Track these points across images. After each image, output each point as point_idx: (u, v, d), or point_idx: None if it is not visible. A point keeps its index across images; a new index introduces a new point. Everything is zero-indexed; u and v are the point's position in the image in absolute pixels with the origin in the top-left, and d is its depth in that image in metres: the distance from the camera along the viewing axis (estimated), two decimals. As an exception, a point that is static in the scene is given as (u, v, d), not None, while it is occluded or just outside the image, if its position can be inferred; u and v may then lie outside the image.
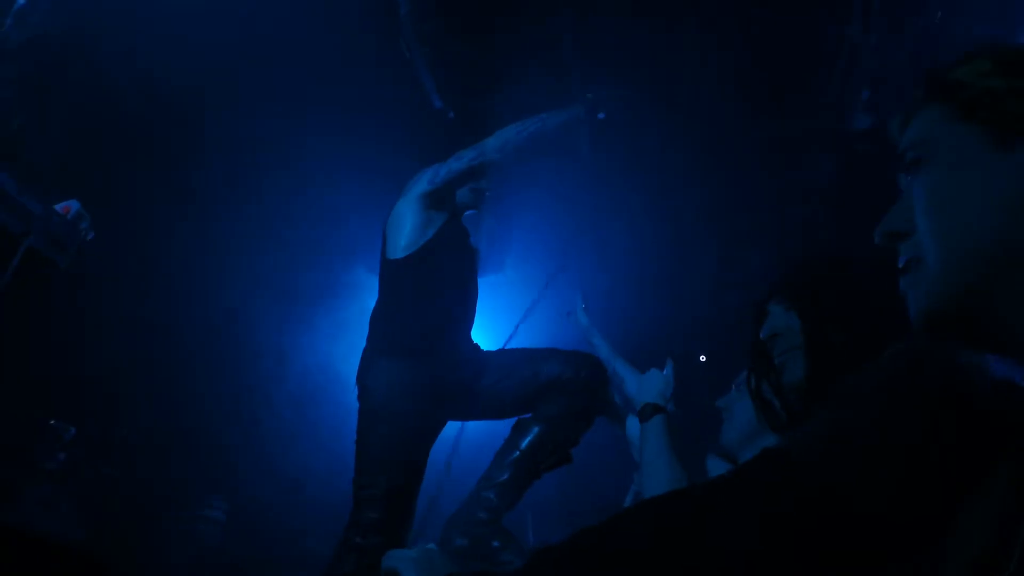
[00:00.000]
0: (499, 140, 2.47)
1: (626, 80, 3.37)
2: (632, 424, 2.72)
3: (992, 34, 3.05)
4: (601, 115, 2.61)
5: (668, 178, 4.01)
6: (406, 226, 2.46)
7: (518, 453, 2.24)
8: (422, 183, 2.47)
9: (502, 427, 2.42)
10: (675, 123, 3.82)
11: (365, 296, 3.21)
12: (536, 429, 2.27)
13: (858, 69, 3.53)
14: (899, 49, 3.38)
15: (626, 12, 3.44)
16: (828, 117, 3.79)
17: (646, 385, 1.86)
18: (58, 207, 2.37)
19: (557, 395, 2.28)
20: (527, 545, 2.28)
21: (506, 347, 2.53)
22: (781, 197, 4.22)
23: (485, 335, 4.15)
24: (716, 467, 1.77)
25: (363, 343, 2.47)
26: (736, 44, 3.49)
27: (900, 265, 0.70)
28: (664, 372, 1.90)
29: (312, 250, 4.31)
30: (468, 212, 2.76)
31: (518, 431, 2.31)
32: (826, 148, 4.00)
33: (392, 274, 2.48)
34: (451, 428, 2.55)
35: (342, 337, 4.06)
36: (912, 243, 0.69)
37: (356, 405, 2.36)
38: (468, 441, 3.09)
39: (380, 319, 2.47)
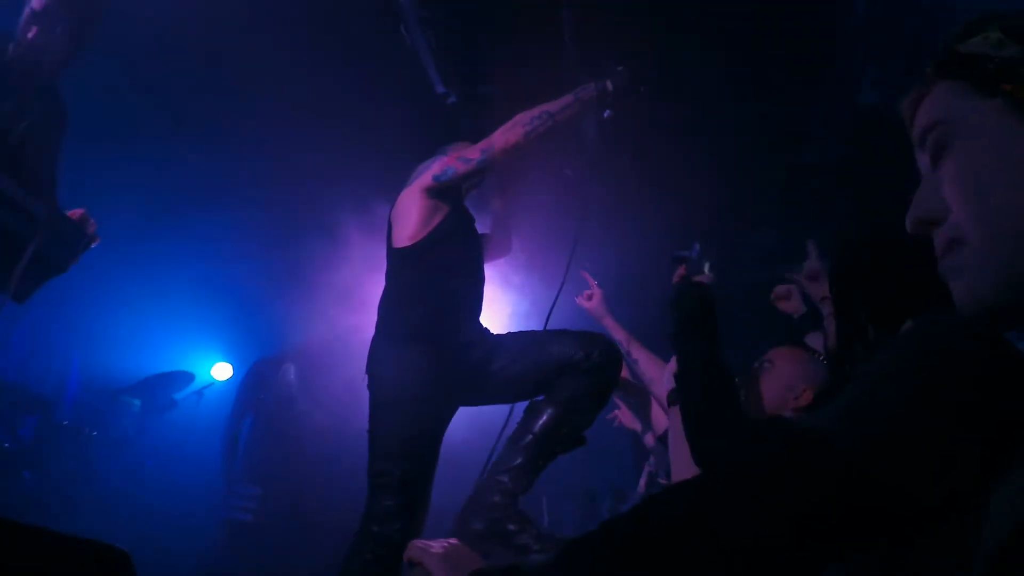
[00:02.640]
0: (507, 140, 2.40)
1: (628, 60, 3.35)
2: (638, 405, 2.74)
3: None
4: (607, 112, 2.56)
5: (675, 158, 3.98)
6: (412, 215, 2.45)
7: (531, 436, 2.23)
8: (428, 178, 2.46)
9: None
10: (680, 104, 3.79)
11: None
12: (549, 411, 2.26)
13: (863, 44, 3.49)
14: (905, 24, 3.33)
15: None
16: (834, 93, 3.76)
17: (670, 370, 1.86)
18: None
19: (569, 377, 2.26)
20: (543, 527, 2.27)
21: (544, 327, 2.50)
22: (790, 173, 4.19)
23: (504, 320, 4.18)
24: None
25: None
26: (738, 24, 3.45)
27: (938, 249, 0.67)
28: None
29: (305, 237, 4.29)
30: (473, 191, 2.75)
31: (531, 414, 2.30)
32: (833, 124, 3.96)
33: (399, 263, 2.47)
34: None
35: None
36: (949, 227, 0.66)
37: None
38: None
39: (388, 307, 2.46)
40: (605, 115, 2.58)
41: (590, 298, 2.80)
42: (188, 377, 4.99)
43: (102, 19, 2.43)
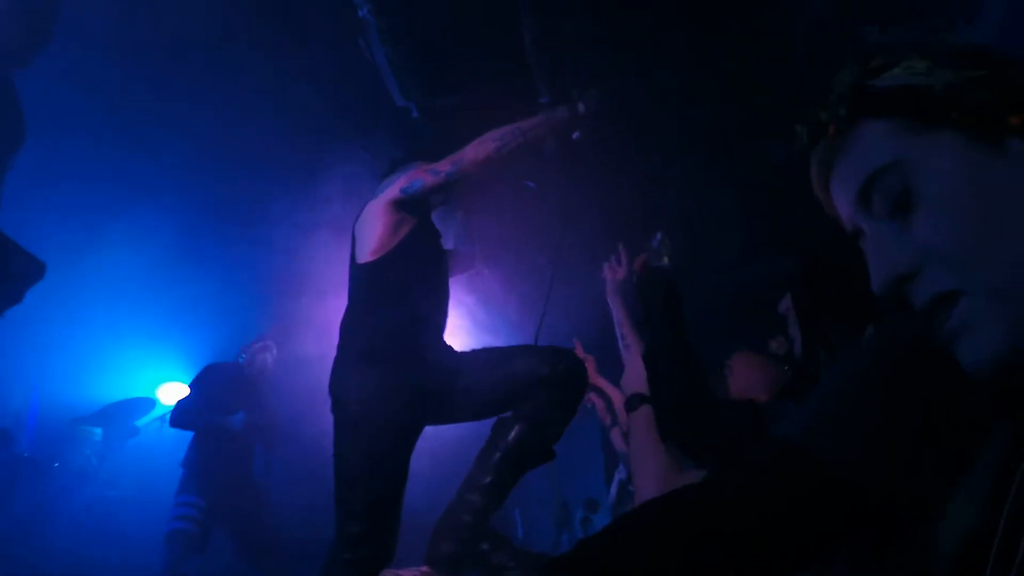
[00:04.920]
0: (476, 154, 2.41)
1: (595, 70, 3.36)
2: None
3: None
4: (576, 135, 2.58)
5: (646, 162, 4.00)
6: (377, 229, 2.42)
7: (499, 454, 2.20)
8: (395, 190, 2.43)
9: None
10: (650, 110, 3.82)
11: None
12: (517, 427, 2.23)
13: (820, 45, 3.54)
14: (861, 30, 3.39)
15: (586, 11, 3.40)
16: (793, 96, 3.81)
17: (633, 374, 1.86)
18: None
19: (535, 392, 2.24)
20: (518, 542, 2.25)
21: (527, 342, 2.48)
22: (762, 176, 4.24)
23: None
24: None
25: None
26: (698, 26, 3.49)
27: (919, 305, 0.61)
28: None
29: (275, 249, 4.22)
30: (440, 207, 2.73)
31: (498, 431, 2.27)
32: (789, 124, 4.01)
33: (362, 279, 2.43)
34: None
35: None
36: (930, 280, 0.59)
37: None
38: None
39: (351, 325, 2.42)
40: (574, 136, 2.59)
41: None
42: (149, 403, 4.87)
43: (58, 17, 2.36)
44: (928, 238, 0.59)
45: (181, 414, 4.08)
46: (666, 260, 1.94)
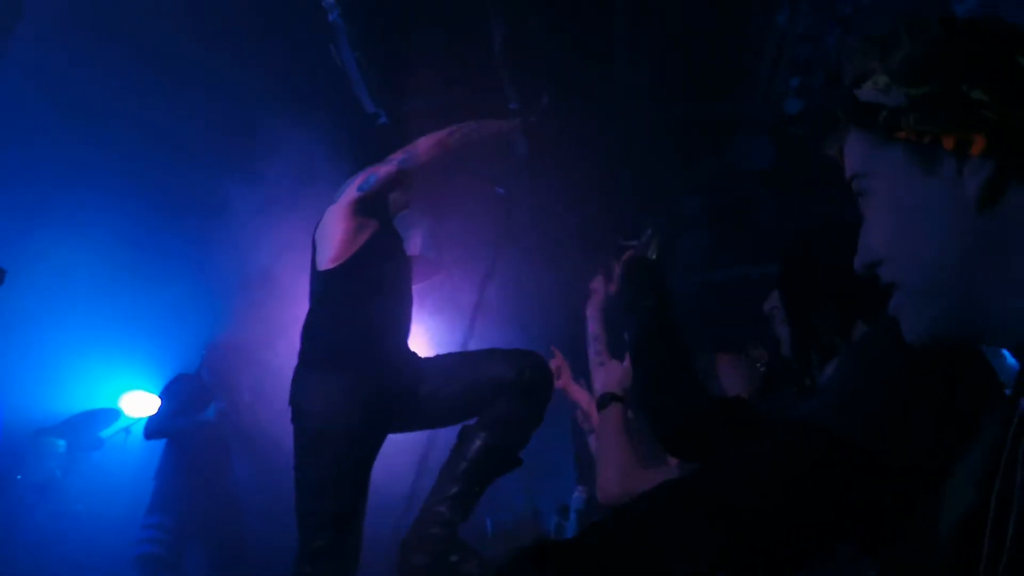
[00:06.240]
0: (429, 143, 2.43)
1: (556, 77, 3.37)
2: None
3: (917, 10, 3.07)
4: (500, 190, 2.61)
5: (605, 166, 4.00)
6: (337, 234, 2.39)
7: (465, 463, 2.17)
8: (352, 191, 2.41)
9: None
10: (609, 115, 3.83)
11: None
12: (482, 435, 2.21)
13: (787, 55, 3.58)
14: (828, 34, 3.43)
15: (554, 10, 3.41)
16: (759, 102, 3.84)
17: (607, 375, 1.87)
18: None
19: (501, 398, 2.21)
20: (486, 554, 2.23)
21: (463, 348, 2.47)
22: (717, 180, 4.27)
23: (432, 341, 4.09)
24: None
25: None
26: (665, 32, 3.51)
27: (883, 287, 0.71)
28: (624, 364, 1.90)
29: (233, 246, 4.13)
30: (402, 212, 2.71)
31: (464, 440, 2.24)
32: (760, 132, 4.05)
33: (323, 285, 2.40)
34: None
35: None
36: (883, 270, 0.70)
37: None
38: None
39: (312, 332, 2.37)
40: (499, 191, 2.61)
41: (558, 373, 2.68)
42: (114, 414, 4.76)
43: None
44: (871, 241, 0.70)
45: (155, 424, 4.00)
46: (654, 255, 1.97)
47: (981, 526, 0.56)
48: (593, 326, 2.38)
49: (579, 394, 2.59)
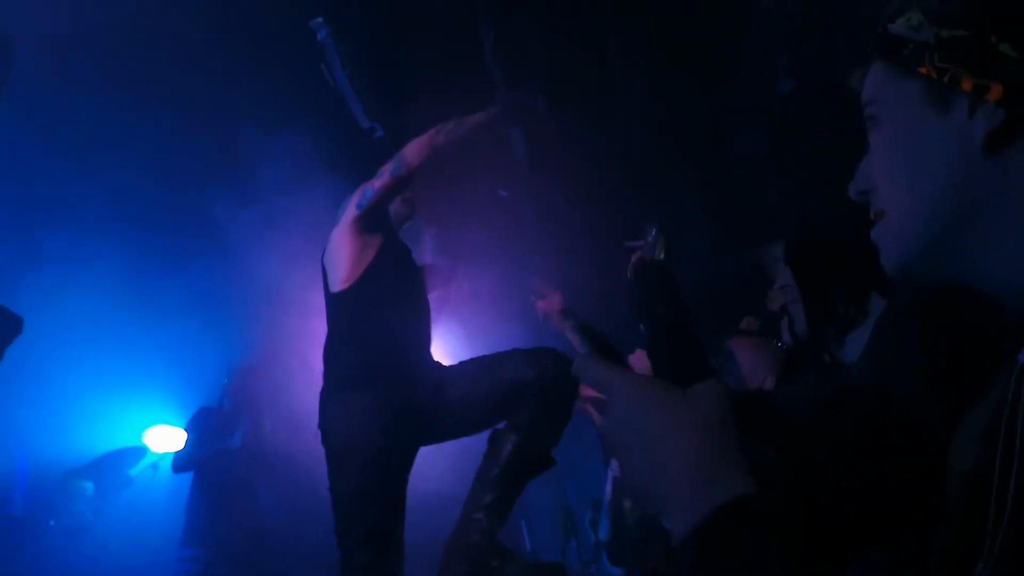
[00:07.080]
0: (416, 147, 2.44)
1: (548, 77, 3.38)
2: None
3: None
4: (503, 192, 2.60)
5: (604, 157, 4.01)
6: (344, 255, 2.40)
7: (498, 469, 2.18)
8: (351, 210, 2.42)
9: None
10: (604, 108, 3.83)
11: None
12: (512, 439, 2.21)
13: (774, 35, 3.58)
14: (811, 15, 3.43)
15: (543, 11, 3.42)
16: (751, 84, 3.84)
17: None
18: None
19: (526, 399, 2.20)
20: (527, 555, 2.23)
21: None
22: (715, 166, 4.27)
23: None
24: None
25: None
26: (654, 23, 3.51)
27: (872, 216, 0.73)
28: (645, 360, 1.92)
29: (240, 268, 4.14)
30: (406, 223, 2.72)
31: (495, 444, 2.24)
32: (753, 114, 4.05)
33: (337, 307, 2.41)
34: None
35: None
36: (876, 198, 0.72)
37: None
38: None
39: (332, 355, 2.39)
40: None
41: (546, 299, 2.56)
42: (140, 452, 4.78)
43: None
44: (871, 167, 0.72)
45: (183, 457, 4.03)
46: (661, 255, 1.97)
47: (987, 486, 0.55)
48: (572, 336, 2.38)
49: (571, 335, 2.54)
